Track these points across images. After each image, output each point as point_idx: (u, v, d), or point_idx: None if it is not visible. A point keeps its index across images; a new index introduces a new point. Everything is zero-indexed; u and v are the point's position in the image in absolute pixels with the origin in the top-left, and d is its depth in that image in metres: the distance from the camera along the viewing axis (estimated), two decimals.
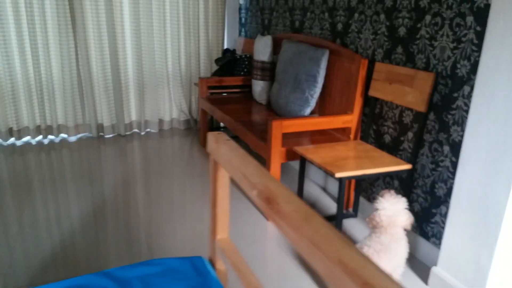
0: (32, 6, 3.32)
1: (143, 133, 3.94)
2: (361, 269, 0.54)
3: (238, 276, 0.95)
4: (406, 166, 1.93)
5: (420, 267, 1.93)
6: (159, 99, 3.95)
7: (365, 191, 2.40)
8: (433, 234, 1.92)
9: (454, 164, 1.78)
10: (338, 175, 1.81)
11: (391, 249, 1.57)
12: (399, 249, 1.59)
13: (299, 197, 0.82)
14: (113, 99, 3.76)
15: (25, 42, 3.39)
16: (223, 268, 1.13)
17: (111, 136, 3.82)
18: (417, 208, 2.01)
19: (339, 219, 1.91)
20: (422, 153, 1.95)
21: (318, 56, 2.51)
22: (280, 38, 3.20)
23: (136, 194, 2.61)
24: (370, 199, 2.36)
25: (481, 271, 1.54)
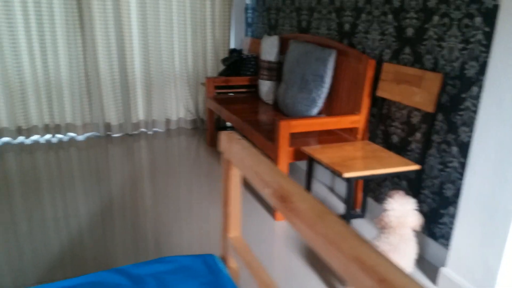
0: (41, 6, 3.35)
1: (150, 132, 3.97)
2: (377, 265, 0.54)
3: (251, 274, 0.96)
4: (414, 167, 1.93)
5: (429, 268, 1.93)
6: (166, 98, 3.97)
7: (372, 191, 2.40)
8: (441, 235, 1.92)
9: (462, 165, 1.78)
10: (346, 175, 1.82)
11: (400, 249, 1.57)
12: (408, 249, 1.59)
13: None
14: (120, 99, 3.79)
15: (34, 41, 3.42)
16: (235, 265, 1.14)
17: (118, 135, 3.85)
18: (425, 209, 2.01)
19: (347, 219, 1.92)
20: (430, 153, 1.95)
21: (325, 56, 2.52)
22: (287, 38, 3.21)
23: (143, 193, 2.63)
24: (378, 199, 2.36)
25: (490, 272, 1.54)
